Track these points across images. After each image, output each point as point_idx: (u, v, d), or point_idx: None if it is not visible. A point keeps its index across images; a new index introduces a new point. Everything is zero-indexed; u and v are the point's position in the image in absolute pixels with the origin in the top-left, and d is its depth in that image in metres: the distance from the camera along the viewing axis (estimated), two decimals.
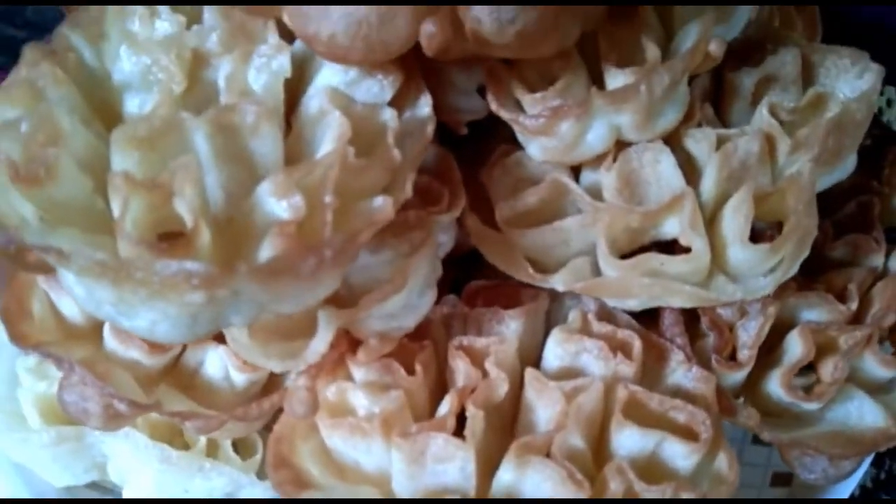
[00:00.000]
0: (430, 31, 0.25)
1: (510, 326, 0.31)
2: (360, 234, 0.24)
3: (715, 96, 0.33)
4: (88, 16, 0.30)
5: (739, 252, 0.29)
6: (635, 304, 0.30)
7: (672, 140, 0.31)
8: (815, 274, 0.33)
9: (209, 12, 0.30)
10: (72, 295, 0.23)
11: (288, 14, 0.26)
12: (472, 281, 0.33)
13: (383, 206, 0.25)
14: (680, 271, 0.29)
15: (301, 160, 0.27)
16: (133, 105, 0.28)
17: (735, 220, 0.29)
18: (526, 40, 0.26)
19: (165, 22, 0.29)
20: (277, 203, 0.24)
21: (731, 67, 0.32)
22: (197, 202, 0.23)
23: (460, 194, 0.31)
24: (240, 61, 0.28)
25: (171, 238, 0.23)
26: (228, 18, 0.29)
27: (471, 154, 0.34)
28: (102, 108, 0.28)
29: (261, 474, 0.33)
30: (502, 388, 0.29)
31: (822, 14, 0.48)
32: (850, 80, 0.32)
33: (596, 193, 0.31)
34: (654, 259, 0.29)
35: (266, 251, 0.23)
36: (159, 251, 0.21)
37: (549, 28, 0.26)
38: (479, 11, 0.25)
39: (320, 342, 0.27)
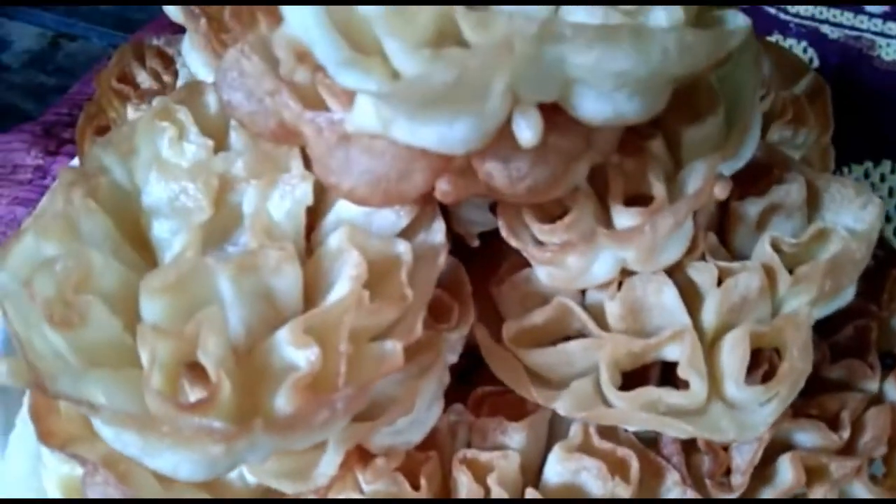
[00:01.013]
0: (444, 190, 0.26)
1: (514, 438, 0.33)
2: (371, 382, 0.25)
3: (719, 222, 0.34)
4: (119, 133, 0.32)
5: (734, 389, 0.30)
6: (635, 429, 0.32)
7: (675, 269, 0.32)
8: (811, 394, 0.34)
9: (236, 138, 0.31)
10: (100, 434, 0.25)
11: (313, 162, 0.27)
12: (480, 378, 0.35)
13: (393, 352, 0.26)
14: (677, 403, 0.30)
15: (320, 290, 0.28)
16: (162, 230, 0.29)
17: (731, 358, 0.30)
18: (537, 193, 0.27)
19: (193, 145, 0.31)
20: (295, 351, 0.25)
21: (736, 196, 0.33)
22: (220, 353, 0.24)
23: (470, 309, 0.33)
24: (264, 188, 0.30)
25: (197, 370, 0.25)
26: (255, 145, 0.31)
27: (482, 264, 0.35)
28: (133, 232, 0.30)
29: None
30: None
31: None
32: (853, 211, 0.33)
33: (600, 313, 0.32)
34: (653, 393, 0.30)
35: (281, 401, 0.24)
36: (183, 409, 0.23)
37: (559, 178, 0.28)
38: (492, 167, 0.26)
39: (329, 465, 0.28)
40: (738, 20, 0.25)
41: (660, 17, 0.24)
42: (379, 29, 0.22)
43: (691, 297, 0.32)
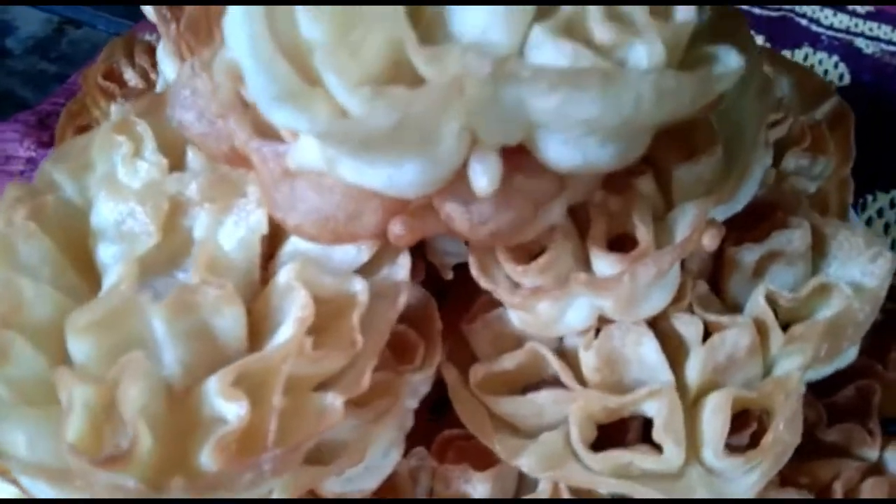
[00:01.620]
0: (397, 233, 0.24)
1: (478, 489, 0.31)
2: (303, 443, 0.23)
3: (713, 266, 0.32)
4: (75, 146, 0.30)
5: (713, 457, 0.28)
6: (604, 492, 0.29)
7: (660, 317, 0.29)
8: (802, 459, 0.31)
9: (193, 158, 0.29)
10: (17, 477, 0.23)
11: (261, 193, 0.25)
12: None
13: (332, 408, 0.24)
14: (650, 468, 0.28)
15: (266, 329, 0.26)
16: (106, 254, 0.28)
17: (712, 423, 0.27)
18: (501, 237, 0.25)
19: (147, 163, 0.29)
20: (224, 404, 0.23)
21: (732, 240, 0.31)
22: (141, 403, 0.22)
23: (437, 349, 0.31)
24: (217, 214, 0.28)
25: None
26: (212, 166, 0.29)
27: (456, 298, 0.33)
28: (79, 255, 0.28)
29: None
30: None
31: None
32: (861, 263, 0.30)
33: (576, 359, 0.30)
34: (624, 456, 0.28)
35: (205, 458, 0.23)
36: (96, 463, 0.21)
37: (527, 223, 0.25)
38: (451, 208, 0.24)
39: None
40: (730, 60, 0.22)
41: (639, 55, 0.21)
42: (319, 61, 0.20)
43: (675, 350, 0.30)
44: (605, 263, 0.28)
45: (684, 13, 0.22)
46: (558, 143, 0.22)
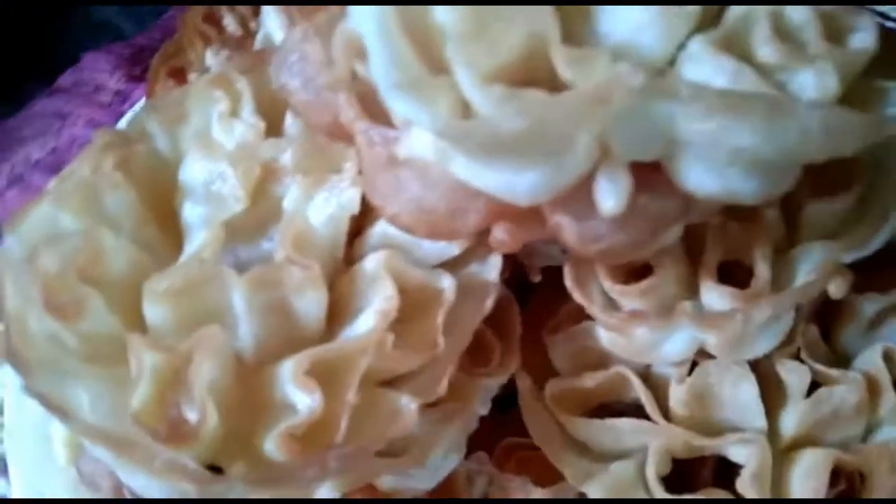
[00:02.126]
0: (500, 239, 0.22)
1: None
2: (373, 444, 0.22)
3: (825, 308, 0.29)
4: (170, 97, 0.29)
5: None
6: None
7: (763, 360, 0.27)
8: None
9: (292, 123, 0.28)
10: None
11: (362, 175, 0.24)
12: (508, 435, 0.31)
13: (406, 412, 0.23)
14: None
15: (347, 313, 0.25)
16: (192, 213, 0.27)
17: (804, 484, 0.25)
18: (611, 256, 0.23)
19: (243, 124, 0.28)
20: (295, 391, 0.22)
21: (853, 285, 0.28)
22: (212, 379, 0.21)
23: (514, 355, 0.29)
24: (309, 188, 0.26)
25: None
26: (310, 136, 0.27)
27: (540, 303, 0.31)
28: (163, 208, 0.27)
29: None
30: None
31: None
32: None
33: (663, 387, 0.28)
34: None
35: (271, 446, 0.21)
36: (159, 437, 0.20)
37: (642, 245, 0.23)
38: (563, 219, 0.22)
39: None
40: None
41: (806, 84, 0.19)
42: (451, 50, 0.18)
43: (773, 394, 0.27)
44: (716, 296, 0.25)
45: (862, 39, 0.20)
46: (700, 169, 0.20)
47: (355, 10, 0.19)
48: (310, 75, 0.25)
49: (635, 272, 0.27)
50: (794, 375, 0.27)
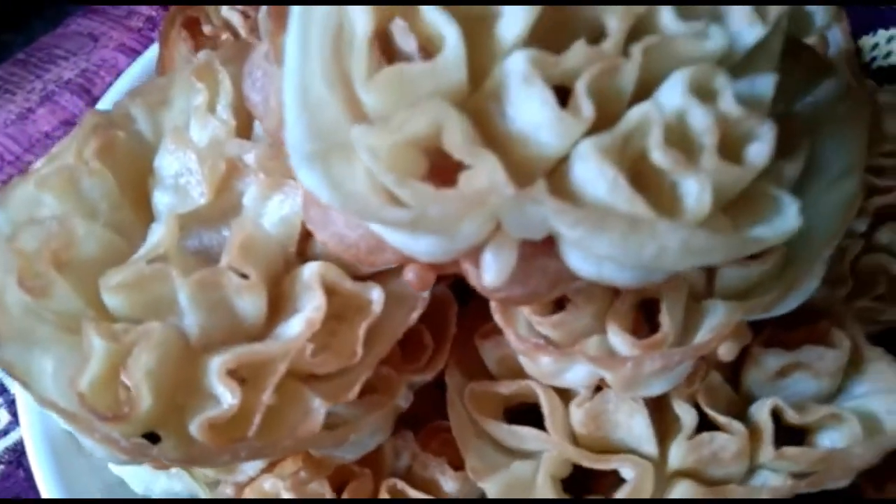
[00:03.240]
0: (409, 278, 0.24)
1: (449, 484, 0.33)
2: (280, 441, 0.25)
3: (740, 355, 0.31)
4: (154, 84, 0.31)
5: None
6: None
7: (660, 397, 0.29)
8: None
9: (261, 127, 0.30)
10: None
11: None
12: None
13: (316, 414, 0.26)
14: None
15: (284, 310, 0.28)
16: (161, 201, 0.30)
17: None
18: (512, 303, 0.25)
19: (216, 121, 0.30)
20: (220, 386, 0.25)
21: (764, 336, 0.30)
22: (148, 368, 0.25)
23: (444, 356, 0.32)
24: (267, 189, 0.29)
25: None
26: (275, 140, 0.30)
27: (478, 304, 0.33)
28: (138, 189, 0.30)
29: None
30: None
31: None
32: (887, 403, 0.29)
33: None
34: None
35: (194, 428, 0.25)
36: (97, 416, 0.24)
37: (541, 296, 0.25)
38: (468, 267, 0.24)
39: (253, 467, 0.30)
40: (786, 218, 0.21)
41: (690, 191, 0.20)
42: (355, 133, 0.20)
43: (669, 426, 0.30)
44: (619, 341, 0.27)
45: (757, 152, 0.21)
46: (578, 258, 0.21)
47: (285, 66, 0.21)
48: (269, 93, 0.27)
49: (556, 304, 0.29)
50: (685, 415, 0.29)
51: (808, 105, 0.30)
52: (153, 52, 0.47)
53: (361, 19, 0.20)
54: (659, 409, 0.30)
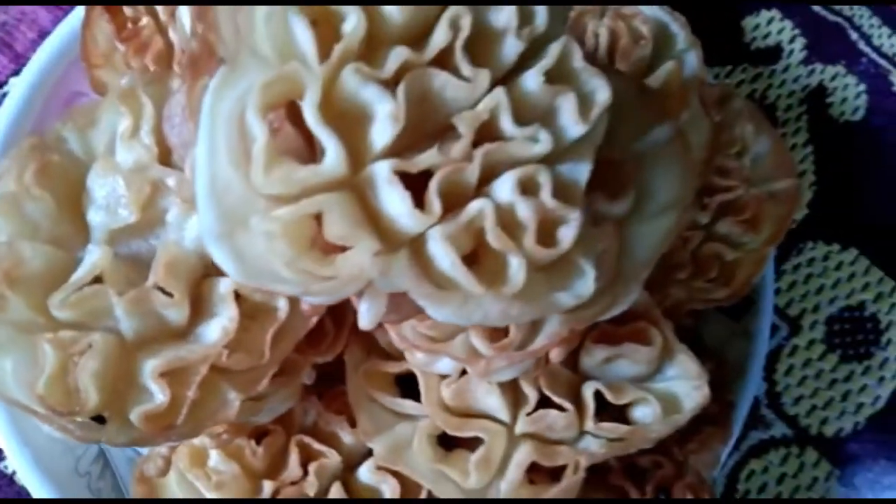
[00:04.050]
0: (304, 310, 0.31)
1: (347, 437, 0.41)
2: (204, 424, 0.32)
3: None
4: (84, 109, 0.35)
5: (507, 488, 0.37)
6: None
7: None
8: None
9: None
10: None
11: None
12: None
13: (232, 404, 0.33)
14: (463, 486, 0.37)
15: (204, 313, 0.34)
16: (94, 219, 0.34)
17: (513, 469, 0.37)
18: (391, 322, 0.32)
19: (140, 145, 0.34)
20: (153, 385, 0.32)
21: (592, 336, 0.37)
22: (92, 373, 0.31)
23: (342, 340, 0.39)
24: (186, 211, 0.34)
25: None
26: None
27: None
28: (74, 205, 0.35)
29: None
30: (311, 491, 0.39)
31: None
32: (687, 388, 0.37)
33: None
34: (446, 471, 0.37)
35: (134, 416, 0.32)
36: (56, 412, 0.30)
37: (413, 314, 0.32)
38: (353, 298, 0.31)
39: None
40: (586, 284, 0.28)
41: (512, 266, 0.27)
42: (254, 222, 0.26)
43: (519, 398, 0.38)
44: (478, 342, 0.35)
45: (565, 236, 0.27)
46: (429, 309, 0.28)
47: (197, 149, 0.26)
48: (185, 140, 0.31)
49: None
50: (530, 394, 0.37)
51: (644, 146, 0.36)
52: (78, 13, 0.49)
53: (257, 126, 0.25)
54: (512, 387, 0.38)
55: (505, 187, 0.27)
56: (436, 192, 0.26)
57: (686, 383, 0.38)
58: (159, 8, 0.46)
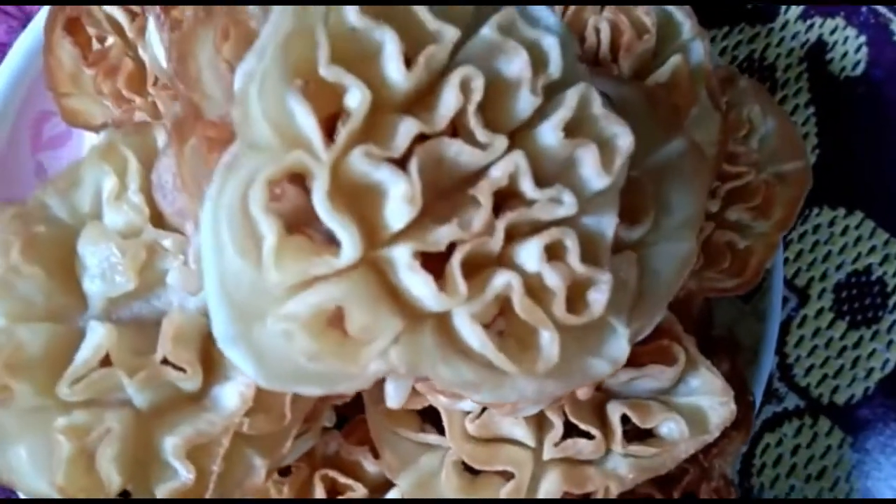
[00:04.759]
0: None
1: (369, 470, 0.40)
2: (233, 493, 0.31)
3: None
4: (62, 172, 0.33)
5: None
6: None
7: None
8: None
9: None
10: None
11: None
12: None
13: (258, 471, 0.32)
14: None
15: (217, 377, 0.33)
16: (90, 287, 0.33)
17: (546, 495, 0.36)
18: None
19: (129, 206, 0.32)
20: (176, 462, 0.31)
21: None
22: (112, 456, 0.30)
23: None
24: (187, 270, 0.32)
25: None
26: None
27: None
28: (67, 272, 0.33)
29: None
30: None
31: None
32: (710, 401, 0.37)
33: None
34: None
35: (160, 493, 0.31)
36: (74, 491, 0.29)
37: None
38: None
39: None
40: (619, 347, 0.27)
41: (545, 340, 0.26)
42: (271, 313, 0.24)
43: (545, 422, 0.38)
44: None
45: (595, 301, 0.26)
46: None
47: (202, 256, 0.24)
48: (180, 209, 0.30)
49: None
50: (555, 422, 0.36)
51: (659, 159, 0.34)
52: (32, 30, 0.46)
53: (264, 223, 0.23)
54: (537, 414, 0.37)
55: (531, 256, 0.25)
56: (459, 270, 0.24)
57: (711, 398, 0.37)
58: (125, 24, 0.43)
